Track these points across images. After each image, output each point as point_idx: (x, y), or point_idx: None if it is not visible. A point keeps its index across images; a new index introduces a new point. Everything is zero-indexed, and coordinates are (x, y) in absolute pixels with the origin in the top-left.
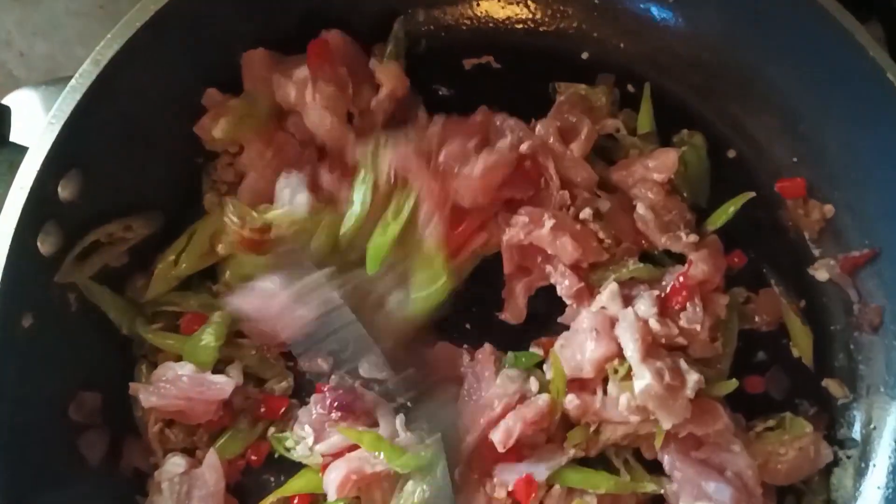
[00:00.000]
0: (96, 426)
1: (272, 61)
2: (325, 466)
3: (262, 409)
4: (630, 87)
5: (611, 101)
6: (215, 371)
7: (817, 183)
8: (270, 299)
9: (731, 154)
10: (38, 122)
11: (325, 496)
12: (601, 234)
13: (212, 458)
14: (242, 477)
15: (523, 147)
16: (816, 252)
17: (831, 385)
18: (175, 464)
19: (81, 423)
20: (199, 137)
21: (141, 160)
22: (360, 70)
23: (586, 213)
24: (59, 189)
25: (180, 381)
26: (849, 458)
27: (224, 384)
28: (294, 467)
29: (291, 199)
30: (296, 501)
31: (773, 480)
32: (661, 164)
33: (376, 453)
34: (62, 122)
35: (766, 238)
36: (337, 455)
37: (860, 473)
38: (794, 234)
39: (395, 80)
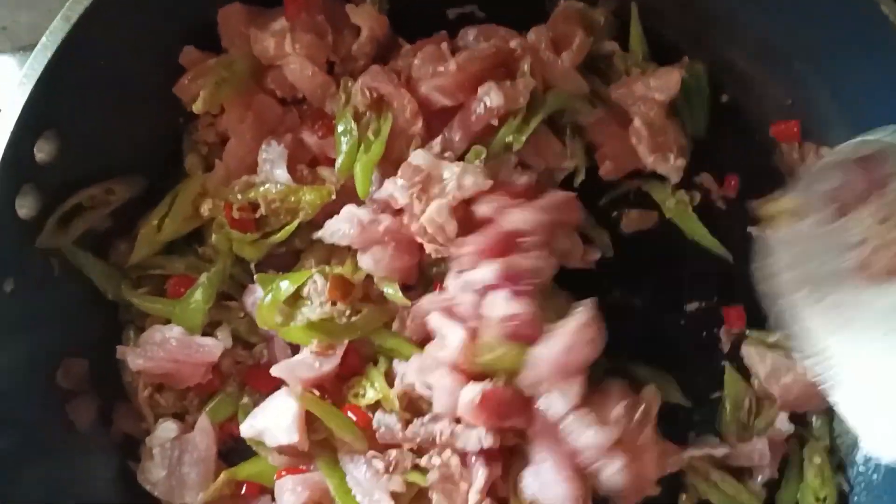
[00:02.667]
0: (84, 392)
1: (249, 16)
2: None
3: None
4: None
5: (609, 24)
6: (204, 334)
7: (812, 125)
8: None
9: (724, 98)
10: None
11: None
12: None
13: (203, 422)
14: (234, 442)
15: (512, 43)
16: None
17: None
18: (166, 429)
19: (69, 389)
20: (179, 97)
21: (119, 120)
22: (339, 16)
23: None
24: (36, 151)
25: (168, 344)
26: None
27: (212, 346)
28: None
29: (271, 171)
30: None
31: (783, 399)
32: (663, 84)
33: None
34: (33, 82)
35: (762, 183)
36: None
37: None
38: (788, 178)
39: (373, 20)
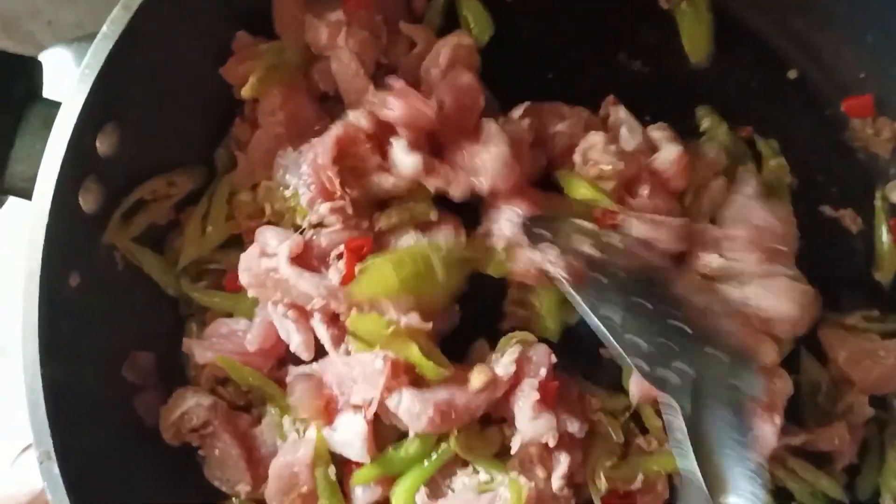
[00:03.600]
0: (151, 386)
1: (305, 3)
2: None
3: None
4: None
5: None
6: None
7: (887, 99)
8: None
9: (793, 74)
10: (70, 78)
11: None
12: None
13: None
14: None
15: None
16: (890, 172)
17: None
18: None
19: (136, 383)
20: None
21: (177, 111)
22: (397, 20)
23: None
24: (97, 143)
25: (236, 336)
26: None
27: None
28: None
29: (283, 177)
30: None
31: (863, 382)
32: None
33: None
34: (96, 72)
35: (833, 160)
36: None
37: None
38: (862, 154)
39: (430, 41)
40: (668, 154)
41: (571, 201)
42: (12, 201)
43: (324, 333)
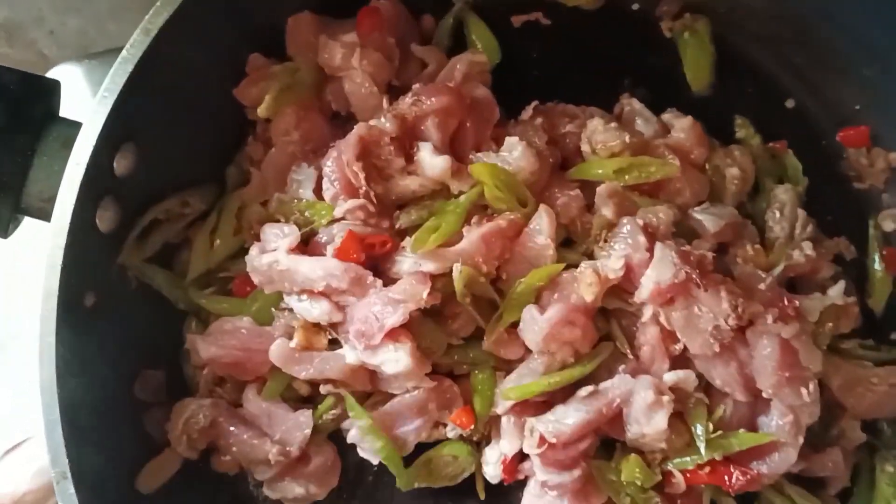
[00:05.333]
0: (161, 403)
1: (318, 25)
2: None
3: None
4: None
5: None
6: None
7: (882, 131)
8: None
9: (790, 104)
10: (82, 97)
11: None
12: None
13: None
14: None
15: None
16: (883, 201)
17: None
18: None
19: (147, 401)
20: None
21: (192, 132)
22: (409, 43)
23: None
24: (115, 164)
25: (240, 333)
26: None
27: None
28: None
29: (297, 191)
30: None
31: (855, 408)
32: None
33: None
34: (115, 95)
35: (828, 190)
36: None
37: None
38: (857, 183)
39: (438, 60)
40: (682, 124)
41: None
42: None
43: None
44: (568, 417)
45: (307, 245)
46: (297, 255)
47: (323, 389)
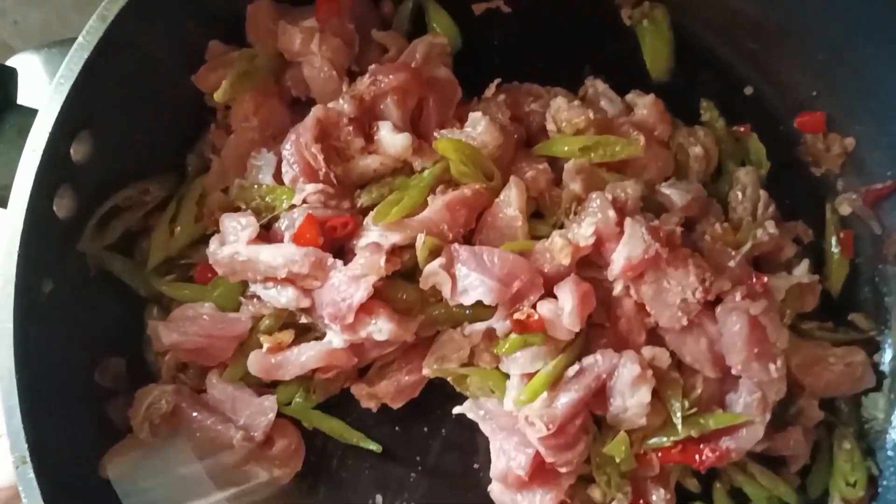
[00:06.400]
0: (123, 391)
1: (278, 12)
2: None
3: None
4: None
5: None
6: None
7: (837, 116)
8: None
9: (749, 91)
10: (41, 85)
11: None
12: None
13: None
14: None
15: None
16: (839, 186)
17: (858, 319)
18: None
19: (108, 388)
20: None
21: (151, 120)
22: (369, 28)
23: None
24: (72, 151)
25: (202, 319)
26: (879, 390)
27: (243, 320)
28: None
29: (257, 176)
30: None
31: (813, 387)
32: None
33: None
34: (71, 82)
35: (786, 174)
36: None
37: (892, 405)
38: (813, 168)
39: (398, 44)
40: (645, 101)
41: None
42: None
43: None
44: (558, 401)
45: (269, 230)
46: (256, 245)
47: (318, 379)
